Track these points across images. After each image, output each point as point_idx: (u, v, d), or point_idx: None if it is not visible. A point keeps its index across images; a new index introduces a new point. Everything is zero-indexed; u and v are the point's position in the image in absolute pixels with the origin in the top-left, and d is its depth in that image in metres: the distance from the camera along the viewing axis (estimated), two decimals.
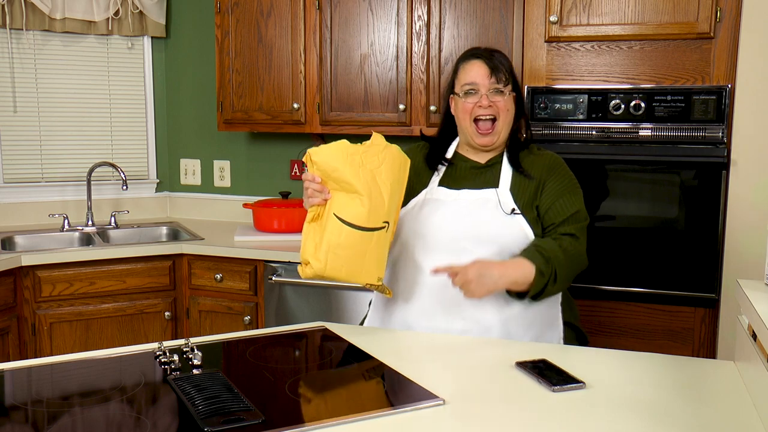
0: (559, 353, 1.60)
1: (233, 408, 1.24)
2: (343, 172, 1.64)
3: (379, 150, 1.71)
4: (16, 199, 3.49)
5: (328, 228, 1.65)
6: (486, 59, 1.85)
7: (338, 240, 1.64)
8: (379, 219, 1.67)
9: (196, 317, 3.09)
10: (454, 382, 1.42)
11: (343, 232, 1.64)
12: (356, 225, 1.64)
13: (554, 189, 1.84)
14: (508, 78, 1.86)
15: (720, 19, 2.33)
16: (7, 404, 1.30)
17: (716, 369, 1.52)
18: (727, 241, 2.37)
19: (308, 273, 1.66)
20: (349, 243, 1.64)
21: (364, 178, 1.66)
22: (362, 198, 1.64)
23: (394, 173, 1.71)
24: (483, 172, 1.89)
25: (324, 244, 1.64)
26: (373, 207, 1.65)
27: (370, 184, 1.66)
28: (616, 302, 2.50)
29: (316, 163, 1.66)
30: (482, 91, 1.83)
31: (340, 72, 3.08)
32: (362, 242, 1.65)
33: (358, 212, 1.64)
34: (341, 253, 1.64)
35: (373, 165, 1.68)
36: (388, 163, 1.71)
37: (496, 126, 1.85)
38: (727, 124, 2.34)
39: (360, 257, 1.66)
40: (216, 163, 3.77)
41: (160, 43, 3.76)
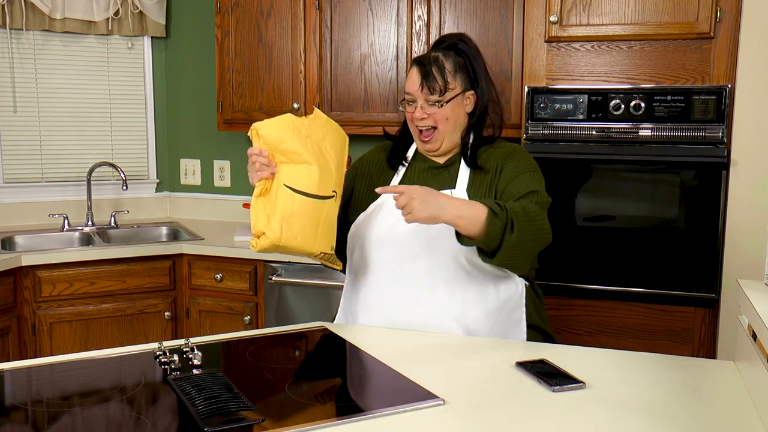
0: (559, 353, 1.60)
1: (233, 408, 1.24)
2: (291, 143, 1.66)
3: (321, 123, 1.74)
4: (16, 199, 3.49)
5: (279, 199, 1.64)
6: (422, 67, 1.79)
7: (291, 209, 1.63)
8: (328, 187, 1.68)
9: (196, 317, 3.09)
10: (454, 382, 1.42)
11: (295, 201, 1.64)
12: (308, 193, 1.64)
13: (511, 171, 1.77)
14: (445, 86, 1.77)
15: (720, 19, 2.33)
16: (7, 404, 1.30)
17: (716, 369, 1.51)
18: (727, 241, 2.37)
19: (263, 244, 1.64)
20: (302, 211, 1.64)
21: (311, 148, 1.68)
22: (312, 167, 1.66)
23: (337, 146, 1.75)
24: (440, 172, 1.85)
25: (277, 214, 1.63)
26: (323, 175, 1.67)
27: (318, 154, 1.68)
28: (616, 302, 2.50)
29: (263, 137, 1.67)
30: (418, 102, 1.79)
31: (340, 72, 3.08)
32: (314, 210, 1.66)
33: (310, 180, 1.65)
34: (295, 221, 1.63)
35: (317, 137, 1.71)
36: (330, 136, 1.74)
37: (435, 134, 1.80)
38: (727, 124, 2.34)
39: (313, 226, 1.66)
40: (216, 163, 3.77)
41: (160, 43, 3.76)
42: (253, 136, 1.69)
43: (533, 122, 2.54)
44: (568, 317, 2.55)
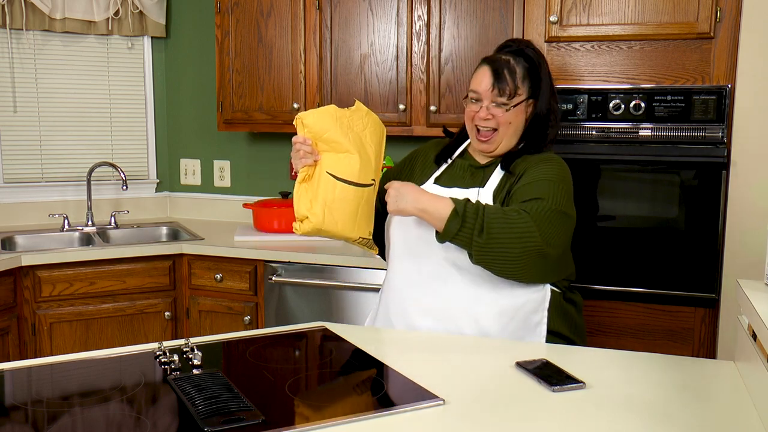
0: (559, 353, 1.60)
1: (233, 408, 1.24)
2: (333, 133, 1.73)
3: (362, 115, 1.81)
4: (16, 199, 3.49)
5: (321, 185, 1.72)
6: (494, 67, 1.79)
7: (333, 195, 1.71)
8: (368, 176, 1.76)
9: (196, 317, 3.09)
10: (454, 382, 1.42)
11: (337, 188, 1.72)
12: (349, 180, 1.72)
13: (530, 176, 1.75)
14: (515, 89, 1.77)
15: (720, 19, 2.33)
16: (7, 404, 1.30)
17: (716, 369, 1.52)
18: (727, 241, 2.37)
19: (306, 228, 1.72)
20: (343, 198, 1.72)
21: (352, 139, 1.75)
22: (353, 156, 1.73)
23: (376, 137, 1.82)
24: (477, 172, 1.87)
25: (320, 200, 1.71)
26: (363, 164, 1.74)
27: (358, 144, 1.76)
28: (616, 302, 2.50)
29: (308, 126, 1.74)
30: (484, 102, 1.80)
31: (340, 72, 3.08)
32: (355, 197, 1.73)
33: (351, 168, 1.73)
34: (336, 207, 1.71)
35: (358, 128, 1.79)
36: (370, 128, 1.81)
37: (495, 136, 1.81)
38: (727, 124, 2.34)
39: (353, 212, 1.74)
40: (216, 163, 3.77)
41: (160, 43, 3.76)
42: (297, 125, 1.76)
43: None
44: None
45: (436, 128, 2.57)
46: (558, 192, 1.72)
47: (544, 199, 1.68)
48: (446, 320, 1.77)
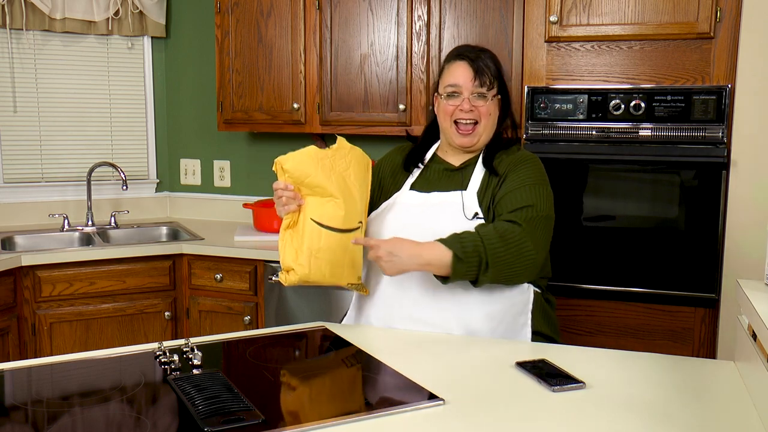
0: (559, 353, 1.60)
1: (233, 408, 1.24)
2: (315, 177, 1.68)
3: (345, 153, 1.76)
4: (16, 199, 3.49)
5: (306, 233, 1.68)
6: (471, 61, 1.82)
7: (318, 244, 1.67)
8: (354, 220, 1.72)
9: (196, 317, 3.09)
10: (454, 382, 1.42)
11: (322, 236, 1.67)
12: (334, 227, 1.68)
13: (513, 182, 1.77)
14: (493, 81, 1.82)
15: (720, 19, 2.33)
16: (7, 404, 1.30)
17: (716, 369, 1.52)
18: (727, 241, 2.37)
19: (292, 279, 1.69)
20: (329, 246, 1.68)
21: (336, 181, 1.70)
22: (337, 201, 1.69)
23: (360, 174, 1.77)
24: (454, 174, 1.86)
25: (305, 249, 1.67)
26: (348, 208, 1.70)
27: (342, 187, 1.71)
28: (616, 302, 2.50)
29: (288, 171, 1.70)
30: (465, 94, 1.81)
31: (340, 72, 3.08)
32: (341, 244, 1.69)
33: (335, 215, 1.69)
34: (323, 256, 1.67)
35: (341, 168, 1.73)
36: (354, 166, 1.76)
37: (477, 128, 1.82)
38: (727, 124, 2.34)
39: (341, 259, 1.70)
40: (216, 163, 3.77)
41: (160, 43, 3.76)
42: (277, 170, 1.72)
43: (533, 122, 2.54)
44: (568, 317, 2.54)
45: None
46: (542, 196, 1.76)
47: (533, 206, 1.73)
48: (436, 327, 1.76)
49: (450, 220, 1.76)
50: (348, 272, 1.73)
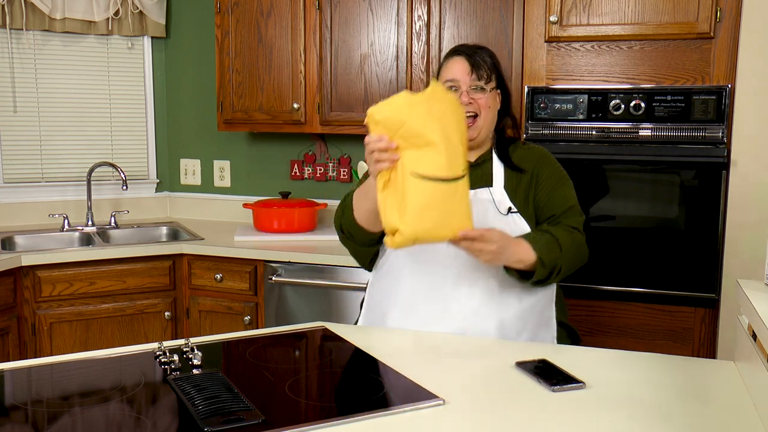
0: (559, 353, 1.60)
1: (233, 408, 1.24)
2: (411, 125, 1.51)
3: (439, 97, 1.58)
4: (16, 199, 3.49)
5: (408, 190, 1.50)
6: (467, 56, 1.84)
7: (423, 199, 1.50)
8: (458, 167, 1.53)
9: (196, 317, 3.09)
10: (454, 382, 1.42)
11: (426, 190, 1.50)
12: (438, 177, 1.50)
13: (549, 181, 1.84)
14: (490, 75, 1.84)
15: (720, 19, 2.33)
16: (7, 404, 1.30)
17: (716, 369, 1.52)
18: (727, 241, 2.37)
19: (399, 241, 1.51)
20: (435, 199, 1.50)
21: (434, 127, 1.51)
22: (438, 147, 1.50)
23: (458, 120, 1.58)
24: (473, 170, 1.86)
25: (408, 207, 1.49)
26: (451, 154, 1.51)
27: (442, 132, 1.51)
28: (616, 302, 2.50)
29: (381, 122, 1.53)
30: (462, 88, 1.82)
31: (340, 72, 3.08)
32: (448, 195, 1.52)
33: (437, 163, 1.50)
34: (429, 211, 1.50)
35: (438, 112, 1.54)
36: (451, 110, 1.57)
37: (477, 121, 1.83)
38: (727, 124, 2.34)
39: (449, 211, 1.52)
40: (216, 163, 3.77)
41: (160, 43, 3.76)
42: (369, 123, 1.55)
43: (533, 122, 2.54)
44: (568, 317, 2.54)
45: None
46: (573, 191, 1.88)
47: (573, 205, 1.85)
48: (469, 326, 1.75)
49: (487, 216, 1.78)
50: (458, 225, 1.54)
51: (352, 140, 3.46)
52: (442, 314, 1.77)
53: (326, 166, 3.53)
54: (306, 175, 3.57)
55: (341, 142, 3.49)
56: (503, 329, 1.76)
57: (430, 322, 1.77)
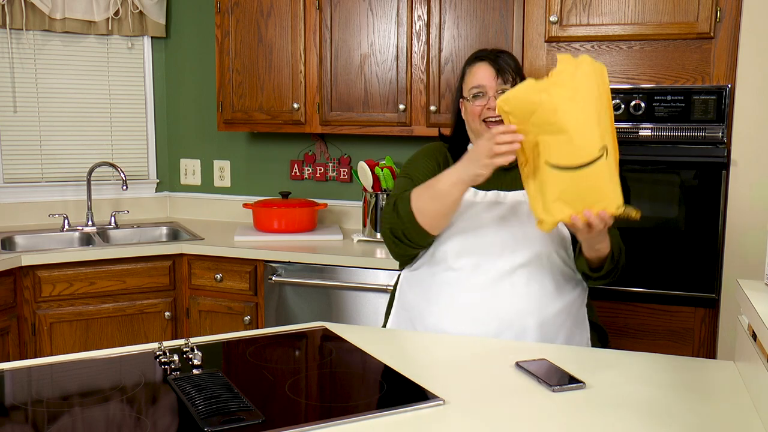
0: (559, 353, 1.60)
1: (233, 408, 1.24)
2: (539, 114, 1.52)
3: (569, 75, 1.54)
4: (16, 199, 3.49)
5: (544, 179, 1.55)
6: (491, 61, 1.86)
7: (560, 188, 1.53)
8: (593, 149, 1.51)
9: (196, 317, 3.09)
10: (454, 382, 1.42)
11: (562, 179, 1.53)
12: (572, 166, 1.51)
13: None
14: (516, 78, 1.86)
15: (720, 19, 2.33)
16: (7, 404, 1.30)
17: (716, 369, 1.52)
18: (727, 241, 2.37)
19: (546, 228, 1.59)
20: (572, 186, 1.53)
21: (563, 112, 1.51)
22: (569, 134, 1.51)
23: (593, 93, 1.53)
24: (507, 173, 1.88)
25: (548, 196, 1.55)
26: (583, 139, 1.51)
27: (572, 117, 1.51)
28: (615, 302, 2.50)
29: (511, 113, 1.56)
30: (489, 93, 1.84)
31: (340, 72, 3.08)
32: (585, 180, 1.53)
33: (569, 151, 1.51)
34: (568, 198, 1.54)
35: (568, 94, 1.52)
36: (583, 85, 1.53)
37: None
38: (727, 124, 2.34)
39: (588, 196, 1.54)
40: (216, 163, 3.77)
41: (160, 43, 3.76)
42: (500, 113, 1.59)
43: None
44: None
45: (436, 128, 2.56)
46: None
47: None
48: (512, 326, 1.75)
49: (527, 218, 1.79)
50: (603, 205, 1.54)
51: (352, 140, 3.46)
52: (484, 313, 1.77)
53: (326, 166, 3.53)
54: (306, 175, 3.57)
55: (341, 142, 3.49)
56: (543, 328, 1.76)
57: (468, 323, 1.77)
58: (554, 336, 1.78)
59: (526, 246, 1.78)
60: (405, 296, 1.93)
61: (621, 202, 1.56)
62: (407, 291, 1.92)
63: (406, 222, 1.77)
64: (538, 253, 1.78)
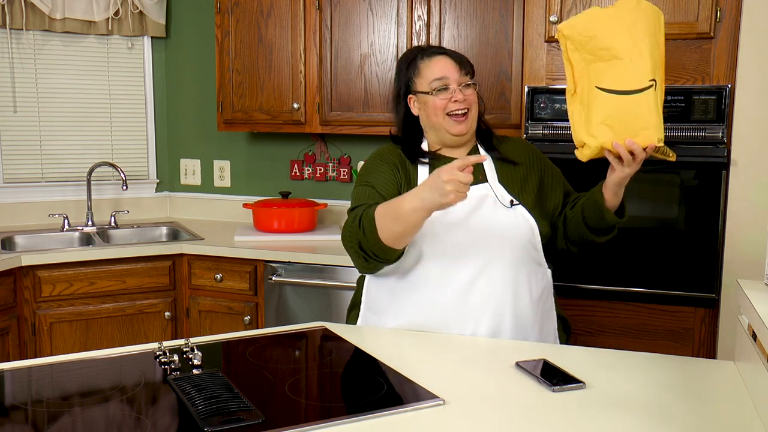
0: (559, 353, 1.60)
1: (233, 408, 1.24)
2: (599, 39, 1.59)
3: (630, 8, 1.61)
4: (16, 199, 3.49)
5: (593, 103, 1.60)
6: (448, 54, 1.87)
7: (606, 112, 1.59)
8: (644, 78, 1.58)
9: (196, 317, 3.09)
10: (454, 382, 1.42)
11: (609, 102, 1.59)
12: (621, 90, 1.58)
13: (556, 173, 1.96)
14: (473, 71, 1.87)
15: (720, 19, 2.33)
16: (7, 404, 1.30)
17: (716, 369, 1.52)
18: (727, 241, 2.37)
19: (586, 153, 1.65)
20: (619, 110, 1.59)
21: (621, 39, 1.58)
22: (623, 61, 1.58)
23: (650, 29, 1.61)
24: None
25: (594, 120, 1.60)
26: (636, 67, 1.58)
27: (629, 44, 1.58)
28: (616, 302, 2.50)
29: (570, 37, 1.61)
30: (453, 85, 1.82)
31: (340, 72, 3.08)
32: (632, 106, 1.59)
33: (621, 76, 1.58)
34: (613, 123, 1.59)
35: (627, 23, 1.59)
36: (642, 20, 1.61)
37: (469, 115, 1.85)
38: (727, 124, 2.34)
39: (633, 122, 1.59)
40: (216, 163, 3.77)
41: (160, 43, 3.76)
42: (559, 38, 1.65)
43: (533, 122, 2.54)
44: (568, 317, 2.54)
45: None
46: None
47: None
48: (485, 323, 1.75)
49: (493, 210, 1.80)
50: (644, 136, 1.60)
51: (352, 140, 3.46)
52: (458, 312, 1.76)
53: (326, 166, 3.53)
54: (306, 175, 3.57)
55: (341, 142, 3.49)
56: (518, 321, 1.76)
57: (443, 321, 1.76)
58: (528, 329, 1.78)
59: (496, 241, 1.77)
60: (373, 300, 1.88)
61: (662, 136, 1.61)
62: (375, 294, 1.88)
63: (371, 241, 1.68)
64: (509, 247, 1.77)
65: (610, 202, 1.77)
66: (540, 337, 1.81)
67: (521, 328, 1.77)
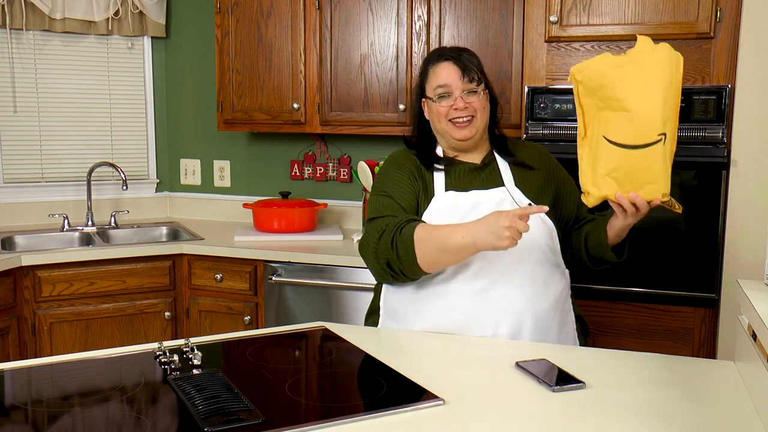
0: (559, 353, 1.60)
1: (233, 408, 1.24)
2: (610, 88, 1.55)
3: (645, 56, 1.57)
4: (16, 199, 3.49)
5: (600, 153, 1.58)
6: (455, 60, 1.84)
7: (612, 164, 1.57)
8: (653, 132, 1.54)
9: (196, 317, 3.09)
10: (454, 382, 1.42)
11: (616, 155, 1.56)
12: (627, 144, 1.55)
13: (569, 180, 1.96)
14: (480, 76, 1.85)
15: (720, 19, 2.33)
16: (7, 404, 1.30)
17: (716, 369, 1.52)
18: (727, 241, 2.37)
19: (590, 201, 1.64)
20: (624, 164, 1.56)
21: (632, 91, 1.54)
22: (630, 114, 1.54)
23: (665, 78, 1.56)
24: (483, 171, 1.88)
25: (600, 170, 1.59)
26: (645, 121, 1.54)
27: (639, 96, 1.54)
28: (616, 302, 2.50)
29: (581, 82, 1.59)
30: (456, 93, 1.82)
31: (340, 72, 3.08)
32: (639, 161, 1.56)
33: (630, 129, 1.55)
34: (618, 176, 1.58)
35: (640, 74, 1.55)
36: (657, 69, 1.56)
37: (474, 121, 1.84)
38: (727, 124, 2.34)
39: (638, 176, 1.58)
40: (216, 163, 3.77)
41: (160, 43, 3.76)
42: (571, 80, 1.63)
43: (533, 122, 2.54)
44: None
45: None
46: None
47: None
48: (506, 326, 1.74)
49: None
50: (648, 190, 1.59)
51: (352, 140, 3.46)
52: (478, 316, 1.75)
53: (326, 166, 3.53)
54: (306, 175, 3.57)
55: (341, 142, 3.49)
56: (538, 324, 1.75)
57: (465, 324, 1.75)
58: (547, 330, 1.77)
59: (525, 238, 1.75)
60: (392, 305, 1.87)
61: (668, 191, 1.60)
62: (393, 299, 1.86)
63: (405, 263, 1.70)
64: (528, 249, 1.77)
65: (612, 241, 1.78)
66: (559, 339, 1.80)
67: (541, 330, 1.76)
